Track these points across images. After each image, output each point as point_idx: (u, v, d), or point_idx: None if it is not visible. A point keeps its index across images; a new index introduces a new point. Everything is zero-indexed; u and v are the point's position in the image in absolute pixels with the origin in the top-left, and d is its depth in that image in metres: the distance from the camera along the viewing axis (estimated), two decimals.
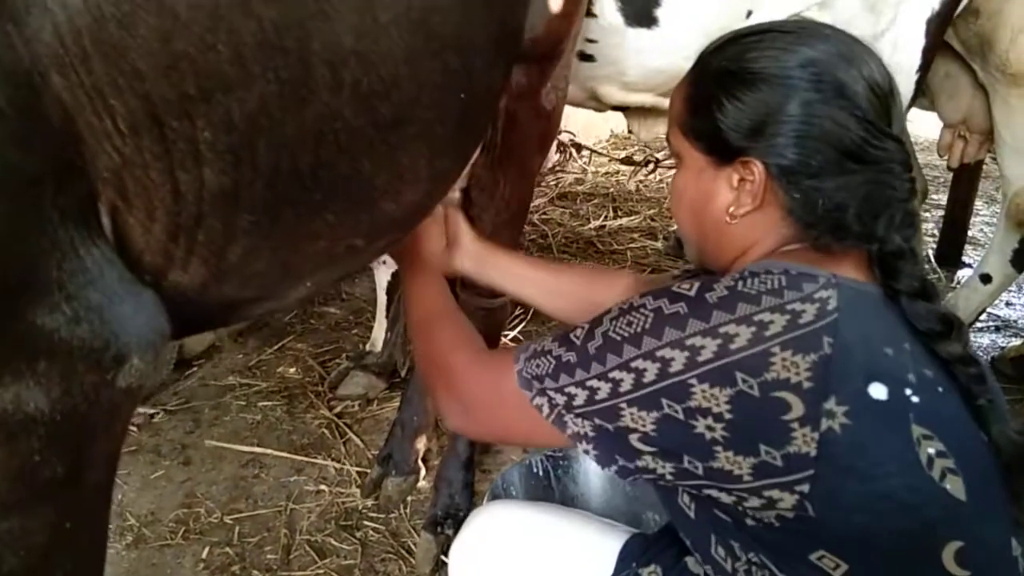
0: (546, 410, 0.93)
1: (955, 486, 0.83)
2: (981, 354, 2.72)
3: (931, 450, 0.83)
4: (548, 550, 1.03)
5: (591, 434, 0.91)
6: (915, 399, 0.84)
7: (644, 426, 0.87)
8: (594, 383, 0.90)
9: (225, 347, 2.70)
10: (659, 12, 1.97)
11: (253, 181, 0.89)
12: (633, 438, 0.88)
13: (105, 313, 0.79)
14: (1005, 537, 0.87)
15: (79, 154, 0.76)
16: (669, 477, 0.89)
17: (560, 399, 0.92)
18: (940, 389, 0.87)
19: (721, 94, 0.96)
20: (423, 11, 1.01)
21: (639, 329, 0.88)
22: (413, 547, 1.88)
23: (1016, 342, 2.84)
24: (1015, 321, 3.11)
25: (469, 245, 1.40)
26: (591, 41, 1.88)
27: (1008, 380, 2.56)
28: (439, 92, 1.08)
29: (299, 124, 0.90)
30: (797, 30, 0.96)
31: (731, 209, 0.97)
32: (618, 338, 0.89)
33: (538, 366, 0.95)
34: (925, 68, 2.04)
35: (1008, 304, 3.22)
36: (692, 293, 0.88)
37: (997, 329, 3.05)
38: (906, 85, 2.02)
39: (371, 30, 0.94)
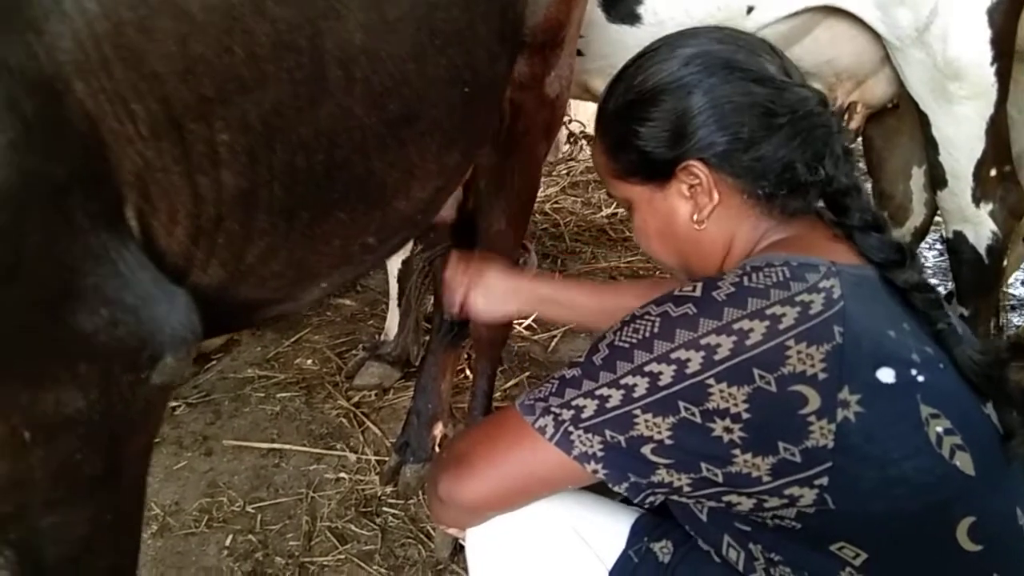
0: (550, 430, 0.90)
1: (964, 462, 0.84)
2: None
3: (939, 428, 0.84)
4: (562, 529, 1.03)
5: (600, 451, 0.88)
6: (920, 378, 0.84)
7: (659, 433, 0.85)
8: (604, 391, 0.88)
9: (243, 340, 2.71)
10: (641, 9, 1.96)
11: (270, 182, 0.90)
12: (647, 449, 0.86)
13: (141, 314, 0.81)
14: (1011, 507, 0.89)
15: (104, 159, 0.77)
16: (687, 489, 0.87)
17: (566, 414, 0.89)
18: (941, 365, 0.87)
19: (632, 124, 0.98)
20: (427, 7, 1.02)
21: (648, 334, 0.87)
22: (432, 532, 1.90)
23: None
24: None
25: (500, 287, 1.36)
26: (579, 36, 1.87)
27: None
28: (445, 87, 1.09)
29: (313, 123, 0.91)
30: (668, 41, 1.00)
31: (695, 216, 0.97)
32: (626, 345, 0.88)
33: (540, 390, 0.93)
34: (1001, 59, 1.90)
35: None
36: (697, 293, 0.87)
37: (1013, 308, 3.03)
38: (976, 81, 1.90)
39: (380, 27, 0.96)
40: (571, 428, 0.89)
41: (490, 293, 1.38)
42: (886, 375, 0.83)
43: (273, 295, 1.06)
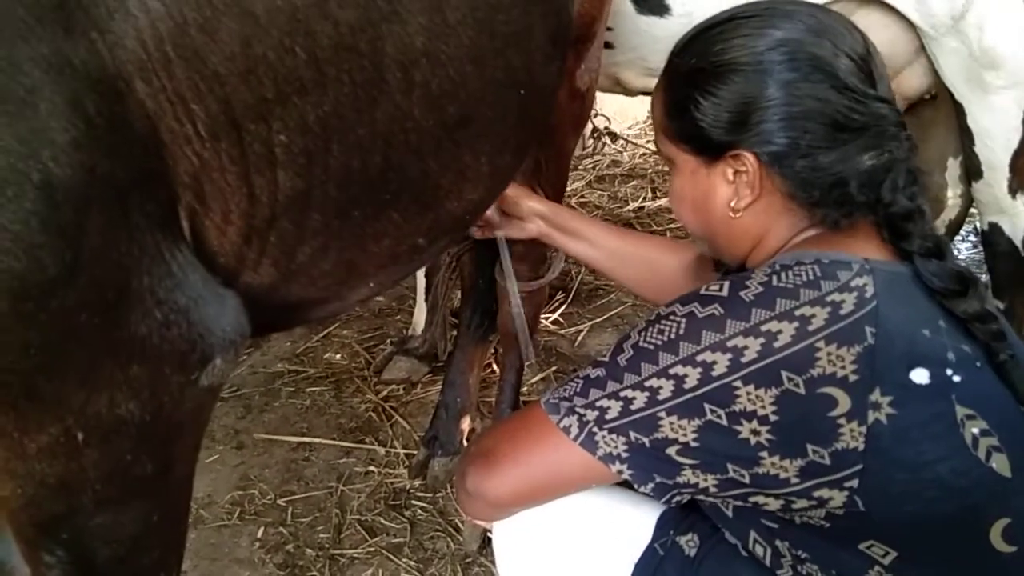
0: (575, 430, 0.89)
1: (1000, 464, 0.83)
2: None
3: (975, 429, 0.82)
4: (588, 522, 1.03)
5: (624, 452, 0.87)
6: (956, 378, 0.83)
7: (684, 436, 0.84)
8: (628, 393, 0.87)
9: (272, 336, 2.71)
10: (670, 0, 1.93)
11: (325, 182, 0.89)
12: (672, 451, 0.85)
13: (192, 315, 0.80)
14: None
15: (161, 160, 0.76)
16: (713, 490, 0.87)
17: (591, 415, 0.89)
18: (978, 364, 0.85)
19: (696, 93, 0.93)
20: (488, 10, 1.01)
21: (673, 336, 0.86)
22: (460, 525, 1.91)
23: None
24: None
25: (533, 206, 1.41)
26: (608, 29, 1.83)
27: None
28: (502, 90, 1.08)
29: (370, 125, 0.91)
30: (760, 13, 0.93)
31: (732, 203, 0.95)
32: (651, 347, 0.87)
33: (565, 389, 0.93)
34: None
35: None
36: (724, 293, 0.86)
37: None
38: (1013, 70, 1.83)
39: (441, 31, 0.94)
40: (595, 429, 0.88)
41: (512, 208, 1.39)
42: (920, 376, 0.81)
43: (321, 295, 1.05)
